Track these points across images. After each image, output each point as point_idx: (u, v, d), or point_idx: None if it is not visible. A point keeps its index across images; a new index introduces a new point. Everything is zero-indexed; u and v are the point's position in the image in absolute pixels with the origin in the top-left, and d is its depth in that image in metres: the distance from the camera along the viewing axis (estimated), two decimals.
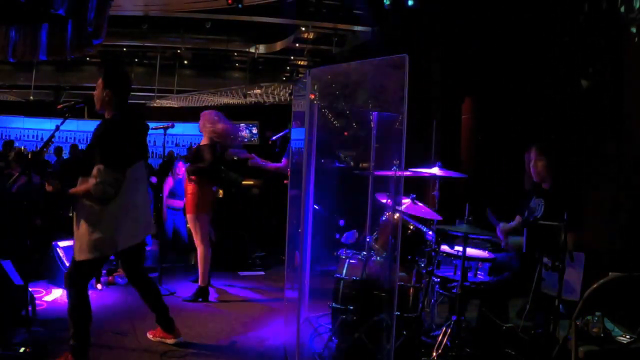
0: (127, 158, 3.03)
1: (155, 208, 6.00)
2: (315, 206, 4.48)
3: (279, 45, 13.35)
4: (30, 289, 3.87)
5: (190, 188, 4.53)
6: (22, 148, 3.00)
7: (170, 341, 3.48)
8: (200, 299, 4.54)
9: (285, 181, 6.19)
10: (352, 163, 7.04)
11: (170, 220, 6.24)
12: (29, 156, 3.06)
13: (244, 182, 6.63)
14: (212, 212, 4.64)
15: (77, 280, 3.02)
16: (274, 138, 5.68)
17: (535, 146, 3.50)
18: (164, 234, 5.92)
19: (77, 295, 3.01)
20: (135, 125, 3.23)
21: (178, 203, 6.28)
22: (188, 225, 4.96)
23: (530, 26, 5.13)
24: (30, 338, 3.40)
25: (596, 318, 2.63)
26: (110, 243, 3.01)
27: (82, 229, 2.98)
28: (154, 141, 10.65)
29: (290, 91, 11.30)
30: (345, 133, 5.56)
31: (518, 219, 3.74)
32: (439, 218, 3.60)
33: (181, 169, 6.13)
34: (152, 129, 4.17)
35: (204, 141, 4.71)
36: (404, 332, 3.35)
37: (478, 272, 3.46)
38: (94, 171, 2.92)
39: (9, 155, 5.62)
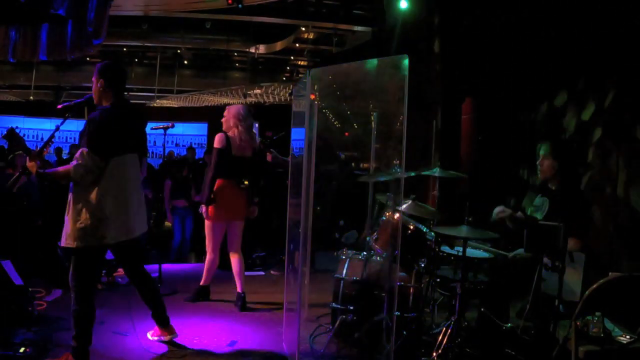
0: (112, 147, 3.01)
1: (155, 208, 6.03)
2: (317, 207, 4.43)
3: (279, 45, 13.36)
4: (30, 289, 3.88)
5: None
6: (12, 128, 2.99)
7: (166, 338, 3.49)
8: (201, 299, 4.54)
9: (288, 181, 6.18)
10: (352, 163, 7.05)
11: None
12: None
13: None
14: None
15: (78, 278, 3.00)
16: (275, 138, 5.68)
17: (546, 145, 3.49)
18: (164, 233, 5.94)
19: (81, 296, 3.00)
20: (129, 116, 3.21)
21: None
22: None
23: (530, 25, 5.13)
24: (30, 338, 3.41)
25: (596, 318, 2.63)
26: (95, 233, 2.97)
27: (69, 215, 2.98)
28: (154, 141, 10.67)
29: (290, 91, 11.30)
30: (346, 134, 5.56)
31: (520, 214, 3.73)
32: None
33: None
34: (152, 129, 4.18)
35: (216, 142, 4.37)
36: (404, 332, 3.35)
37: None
38: (77, 153, 2.93)
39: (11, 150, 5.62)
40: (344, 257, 3.82)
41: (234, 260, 4.46)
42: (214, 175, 4.28)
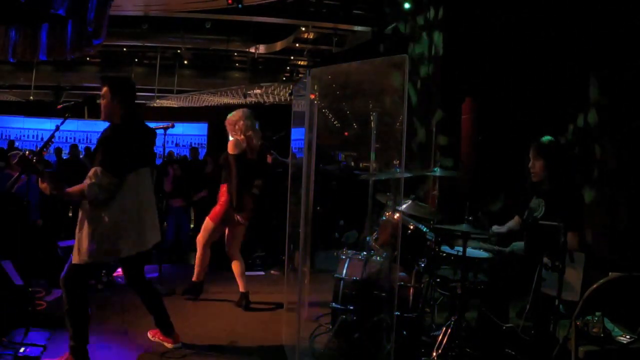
0: (126, 164, 3.01)
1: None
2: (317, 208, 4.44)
3: (279, 45, 13.38)
4: (30, 289, 3.87)
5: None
6: (26, 151, 3.01)
7: (169, 345, 3.46)
8: (193, 295, 4.57)
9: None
10: (352, 163, 7.06)
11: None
12: (33, 159, 3.00)
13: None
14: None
15: (74, 284, 3.00)
16: (274, 138, 5.69)
17: (532, 147, 3.49)
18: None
19: (75, 298, 2.99)
20: (141, 132, 3.22)
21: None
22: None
23: (530, 25, 5.13)
24: (31, 338, 3.41)
25: (596, 318, 2.63)
26: (111, 250, 2.99)
27: (83, 232, 2.97)
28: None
29: (290, 91, 11.30)
30: (346, 133, 5.56)
31: (517, 219, 3.74)
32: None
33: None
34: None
35: (230, 148, 4.33)
36: (404, 332, 3.35)
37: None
38: (91, 172, 2.91)
39: (10, 157, 5.62)
40: (344, 257, 3.82)
41: (235, 263, 4.46)
42: (240, 181, 4.23)
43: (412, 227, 3.67)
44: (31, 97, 14.43)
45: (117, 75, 3.31)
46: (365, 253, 3.81)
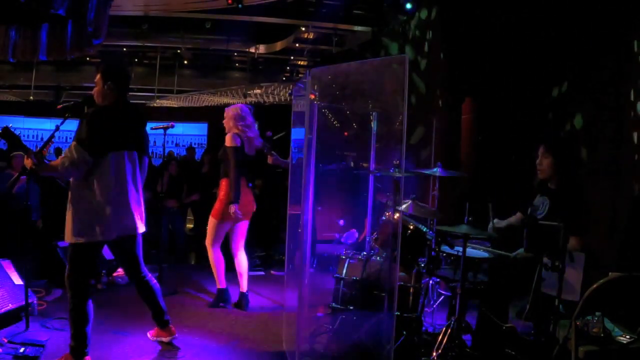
0: (104, 144, 2.99)
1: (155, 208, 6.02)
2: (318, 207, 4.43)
3: (279, 45, 13.34)
4: (30, 289, 3.88)
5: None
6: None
7: (166, 339, 3.47)
8: (221, 304, 4.47)
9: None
10: (352, 163, 7.05)
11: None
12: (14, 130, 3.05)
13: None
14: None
15: (75, 275, 3.01)
16: (274, 138, 5.68)
17: (543, 143, 3.48)
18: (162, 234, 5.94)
19: (78, 296, 3.00)
20: (126, 115, 3.19)
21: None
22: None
23: (530, 25, 5.13)
24: (31, 338, 3.41)
25: (596, 318, 2.63)
26: (94, 229, 2.98)
27: (69, 212, 3.02)
28: (154, 141, 10.65)
29: (290, 91, 11.29)
30: (346, 133, 5.56)
31: (518, 215, 3.73)
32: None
33: None
34: (152, 129, 4.18)
35: (228, 141, 4.35)
36: (404, 332, 3.35)
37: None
38: (67, 148, 2.95)
39: (12, 157, 5.62)
40: (344, 257, 3.82)
41: (240, 259, 4.43)
42: (237, 174, 4.24)
43: (412, 227, 3.67)
44: (31, 97, 14.41)
45: (111, 62, 3.33)
46: (365, 253, 3.81)
